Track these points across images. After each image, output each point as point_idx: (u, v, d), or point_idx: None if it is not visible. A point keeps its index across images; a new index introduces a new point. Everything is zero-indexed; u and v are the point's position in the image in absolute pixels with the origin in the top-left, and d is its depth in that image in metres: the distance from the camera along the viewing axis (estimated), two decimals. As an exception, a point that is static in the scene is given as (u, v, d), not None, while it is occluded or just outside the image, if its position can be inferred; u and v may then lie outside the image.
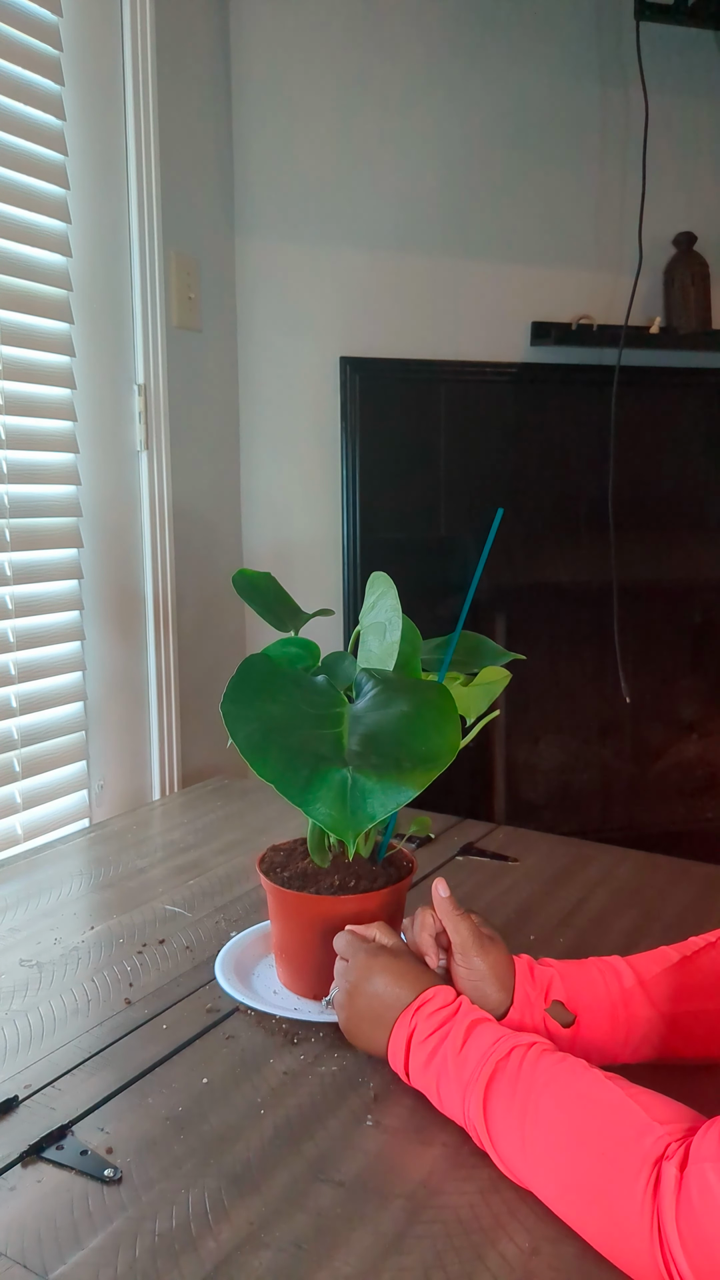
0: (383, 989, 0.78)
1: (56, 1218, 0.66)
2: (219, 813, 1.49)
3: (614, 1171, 0.60)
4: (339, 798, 0.73)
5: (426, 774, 0.75)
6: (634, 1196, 0.58)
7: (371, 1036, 0.79)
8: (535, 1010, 0.79)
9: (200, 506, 1.81)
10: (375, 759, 0.76)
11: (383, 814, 0.73)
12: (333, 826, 0.72)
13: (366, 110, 1.92)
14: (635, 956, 0.83)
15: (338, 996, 0.82)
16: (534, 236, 2.06)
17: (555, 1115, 0.65)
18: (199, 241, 1.77)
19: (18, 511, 1.40)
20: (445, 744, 0.78)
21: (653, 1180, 0.58)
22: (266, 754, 0.76)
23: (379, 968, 0.79)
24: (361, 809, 0.73)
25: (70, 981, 0.98)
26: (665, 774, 2.31)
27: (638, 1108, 0.62)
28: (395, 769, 0.75)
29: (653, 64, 2.01)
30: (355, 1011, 0.80)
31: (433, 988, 0.78)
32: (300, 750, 0.76)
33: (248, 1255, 0.62)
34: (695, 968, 0.80)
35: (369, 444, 1.99)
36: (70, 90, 1.45)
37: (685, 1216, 0.56)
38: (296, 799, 0.73)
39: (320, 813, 0.73)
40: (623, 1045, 0.79)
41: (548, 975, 0.81)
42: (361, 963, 0.80)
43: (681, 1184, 0.56)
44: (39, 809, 1.47)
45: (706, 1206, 0.55)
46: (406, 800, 0.74)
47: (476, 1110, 0.69)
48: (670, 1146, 0.59)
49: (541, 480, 2.14)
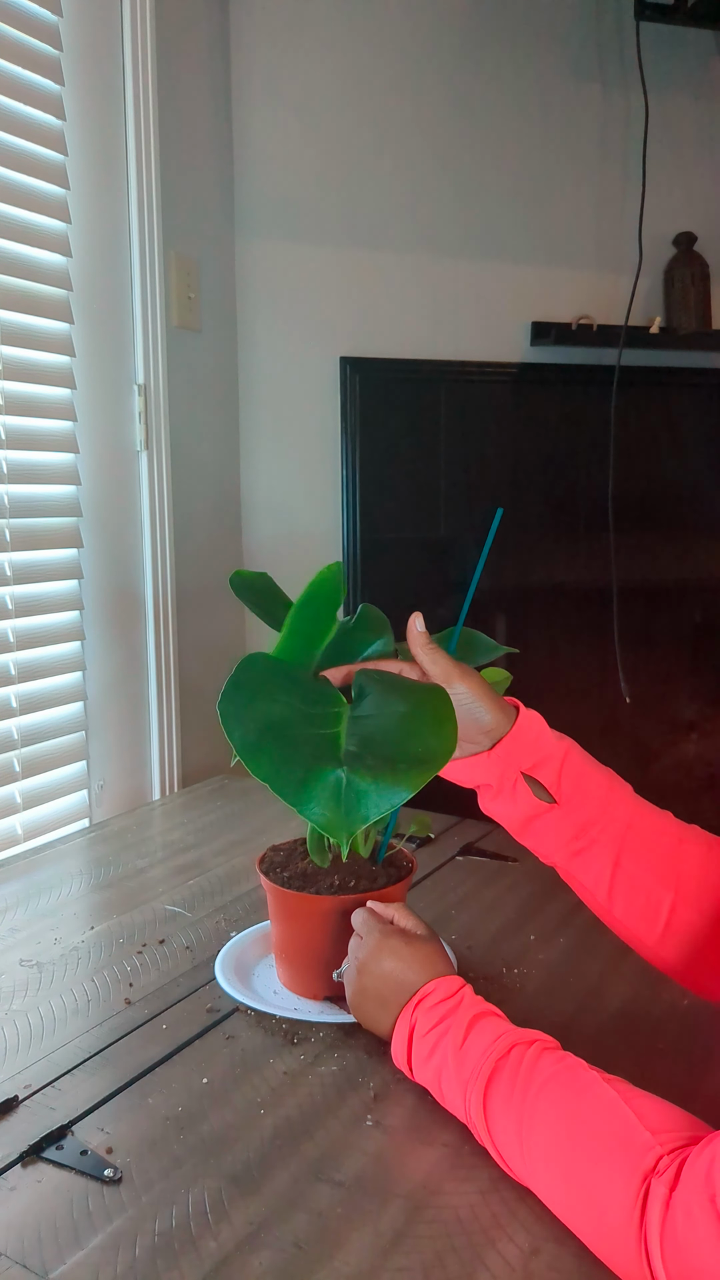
0: (390, 971, 0.79)
1: (56, 1218, 0.66)
2: (219, 813, 1.49)
3: (606, 1180, 0.60)
4: (333, 798, 0.73)
5: (421, 775, 0.75)
6: (624, 1210, 0.58)
7: (375, 1016, 0.80)
8: (512, 767, 0.79)
9: (200, 506, 1.81)
10: (371, 760, 0.76)
11: (377, 815, 0.73)
12: (327, 827, 0.72)
13: (366, 110, 1.92)
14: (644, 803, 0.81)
15: (347, 972, 0.83)
16: (534, 236, 2.06)
17: (551, 1118, 0.64)
18: (199, 241, 1.77)
19: (18, 511, 1.40)
20: (441, 745, 0.77)
21: (641, 1196, 0.57)
22: (261, 754, 0.75)
23: (389, 950, 0.80)
24: (356, 810, 0.73)
25: (70, 981, 0.98)
26: (665, 774, 2.31)
27: (632, 1115, 0.61)
28: (390, 770, 0.75)
29: (653, 64, 2.00)
30: (361, 988, 0.81)
31: (435, 980, 0.77)
32: (296, 751, 0.76)
33: (248, 1255, 0.62)
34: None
35: (369, 444, 1.99)
36: (70, 90, 1.45)
37: (669, 1243, 0.55)
38: (291, 799, 0.73)
39: (315, 813, 0.73)
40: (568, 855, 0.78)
41: (548, 750, 0.80)
42: (374, 942, 0.81)
43: (669, 1207, 0.56)
44: (39, 809, 1.47)
45: (689, 1237, 0.54)
46: (401, 801, 0.74)
47: (477, 1108, 0.69)
48: (662, 1160, 0.58)
49: (541, 480, 2.14)
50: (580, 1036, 0.76)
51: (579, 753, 0.82)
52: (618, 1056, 0.73)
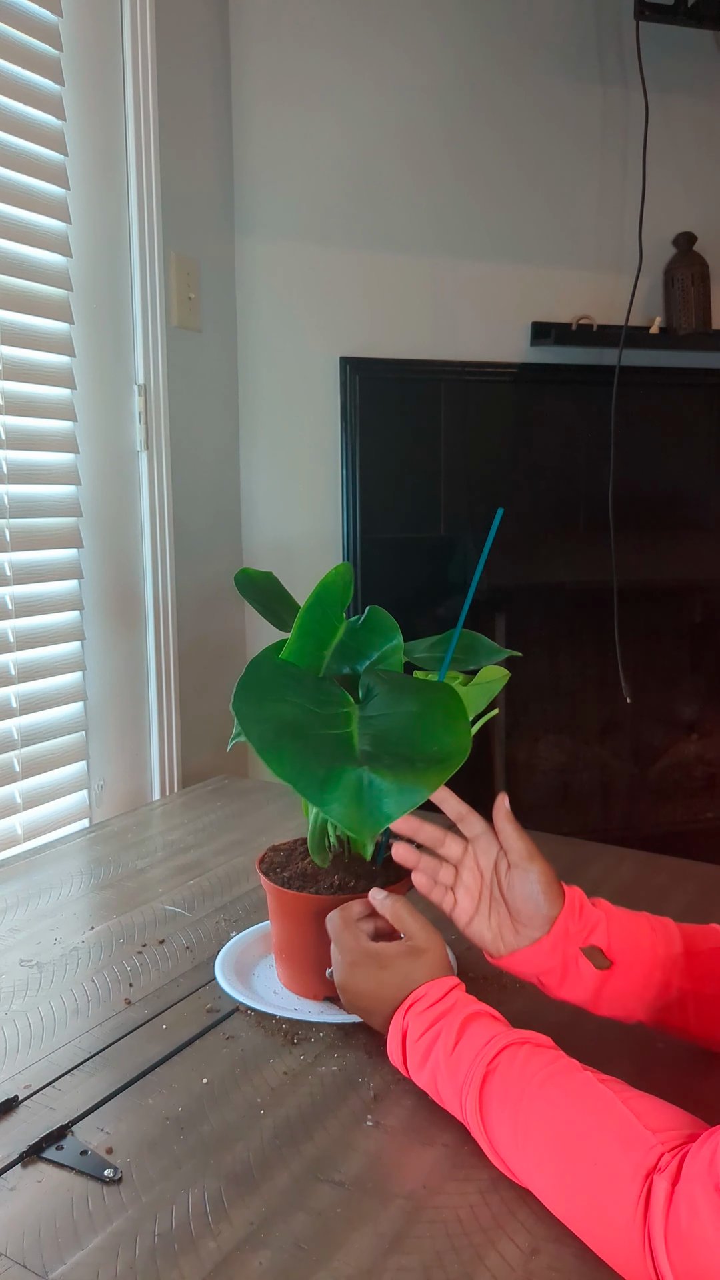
0: (368, 991, 0.79)
1: (56, 1218, 0.66)
2: (219, 813, 1.49)
3: (606, 1180, 0.60)
4: (355, 797, 0.74)
5: (440, 773, 0.75)
6: (626, 1208, 0.58)
7: (373, 1021, 0.81)
8: (572, 945, 0.79)
9: (200, 506, 1.81)
10: (388, 759, 0.76)
11: (398, 813, 0.73)
12: (349, 825, 0.72)
13: (366, 110, 1.92)
14: (690, 926, 0.82)
15: (336, 975, 0.83)
16: (534, 236, 2.06)
17: (547, 1120, 0.64)
18: (199, 241, 1.77)
19: (18, 511, 1.40)
20: (457, 743, 0.78)
21: (644, 1194, 0.57)
22: (282, 753, 0.76)
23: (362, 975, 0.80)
24: (378, 808, 0.73)
25: (70, 981, 0.98)
26: (665, 774, 2.31)
27: (630, 1115, 0.61)
28: (409, 769, 0.75)
29: (653, 64, 2.01)
30: (349, 1004, 0.82)
31: (425, 984, 0.77)
32: (314, 749, 0.76)
33: (248, 1255, 0.62)
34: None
35: (369, 444, 1.99)
36: (70, 90, 1.45)
37: (673, 1236, 0.55)
38: (313, 797, 0.73)
39: (337, 811, 0.73)
40: (649, 1006, 0.78)
41: (595, 918, 0.80)
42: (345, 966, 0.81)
43: (671, 1201, 0.56)
44: (39, 809, 1.47)
45: (694, 1229, 0.54)
46: (421, 800, 0.74)
47: (474, 1111, 0.69)
48: (664, 1157, 0.58)
49: (541, 480, 2.14)
50: (578, 1037, 0.76)
51: (615, 909, 0.82)
52: (616, 1058, 0.73)
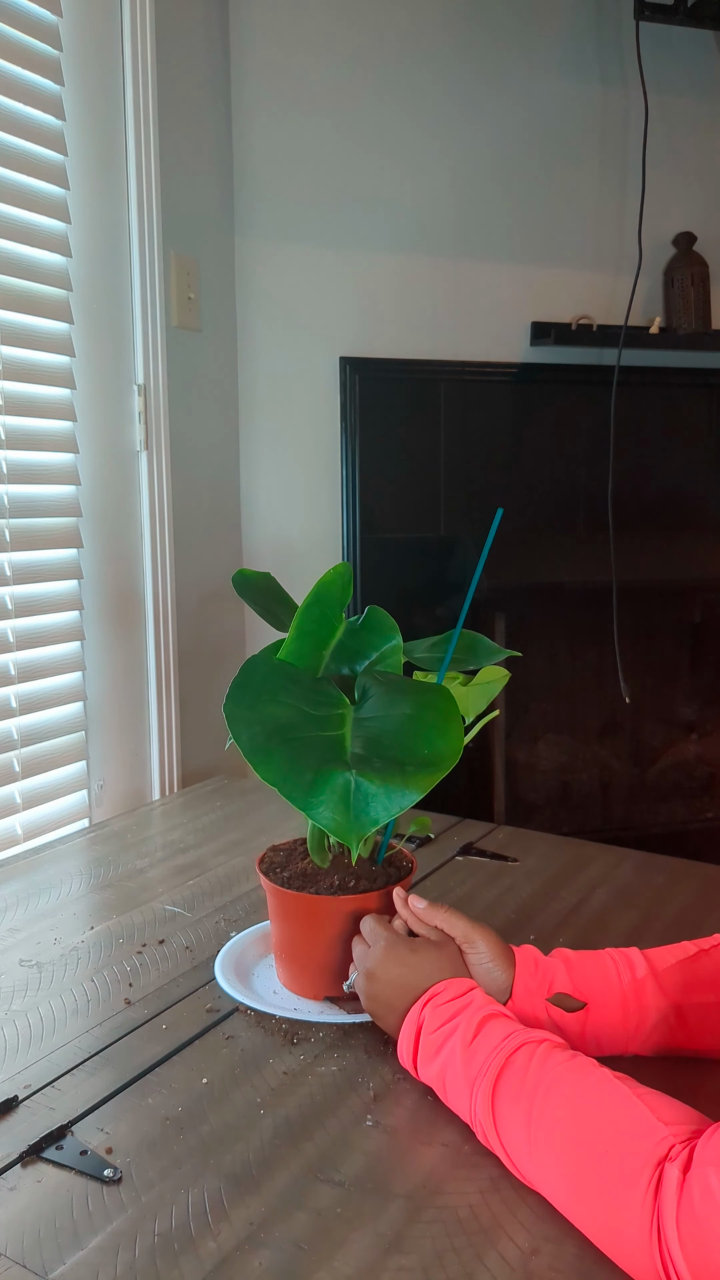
0: (397, 977, 0.80)
1: (56, 1218, 0.66)
2: (219, 813, 1.49)
3: (617, 1170, 0.60)
4: (342, 801, 0.73)
5: (430, 778, 0.75)
6: (635, 1196, 0.58)
7: (387, 1021, 0.81)
8: (537, 1000, 0.80)
9: (200, 506, 1.81)
10: (378, 762, 0.76)
11: (385, 818, 0.73)
12: (336, 830, 0.72)
13: (366, 111, 1.92)
14: (654, 949, 0.83)
15: (357, 980, 0.83)
16: (534, 236, 2.06)
17: (561, 1113, 0.65)
18: (199, 241, 1.77)
19: (18, 511, 1.40)
20: (448, 747, 0.77)
21: (655, 1181, 0.58)
22: (270, 756, 0.75)
23: (395, 959, 0.81)
24: (365, 813, 0.73)
25: (70, 981, 0.98)
26: (665, 774, 2.31)
27: (644, 1107, 0.62)
28: (399, 773, 0.75)
29: (653, 64, 2.01)
30: (371, 994, 0.81)
31: (444, 980, 0.78)
32: (303, 752, 0.76)
33: (248, 1255, 0.62)
34: (709, 959, 0.80)
35: (369, 444, 1.99)
36: (70, 90, 1.45)
37: (685, 1218, 0.56)
38: (299, 802, 0.73)
39: (323, 816, 0.73)
40: (634, 1035, 0.79)
41: (552, 968, 0.82)
42: (381, 950, 0.82)
43: (684, 1186, 0.57)
44: (39, 809, 1.47)
45: (707, 1209, 0.55)
46: (409, 804, 0.74)
47: (484, 1105, 0.69)
48: (674, 1148, 0.59)
49: (541, 480, 2.14)
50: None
51: (571, 952, 0.84)
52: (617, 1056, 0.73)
